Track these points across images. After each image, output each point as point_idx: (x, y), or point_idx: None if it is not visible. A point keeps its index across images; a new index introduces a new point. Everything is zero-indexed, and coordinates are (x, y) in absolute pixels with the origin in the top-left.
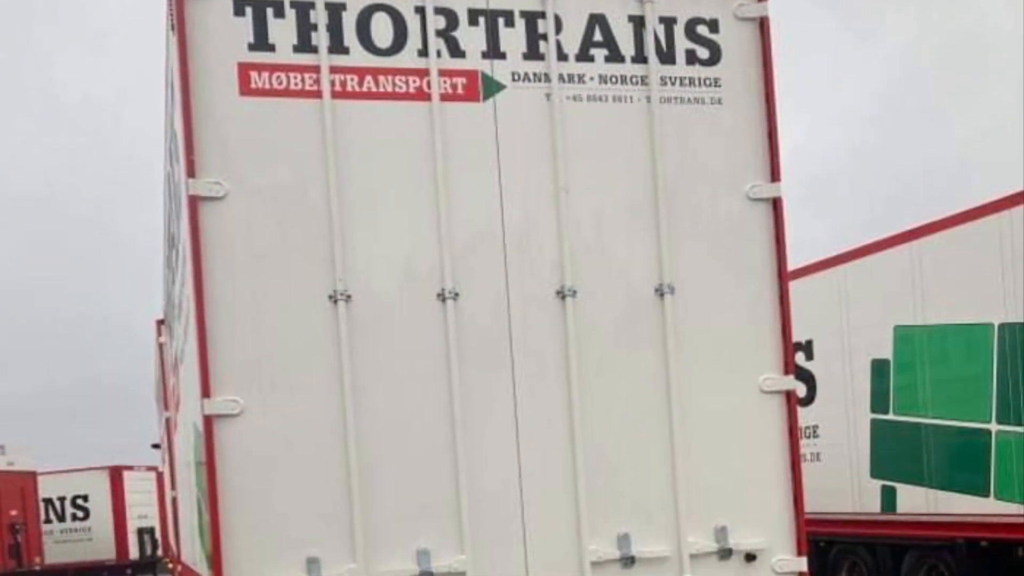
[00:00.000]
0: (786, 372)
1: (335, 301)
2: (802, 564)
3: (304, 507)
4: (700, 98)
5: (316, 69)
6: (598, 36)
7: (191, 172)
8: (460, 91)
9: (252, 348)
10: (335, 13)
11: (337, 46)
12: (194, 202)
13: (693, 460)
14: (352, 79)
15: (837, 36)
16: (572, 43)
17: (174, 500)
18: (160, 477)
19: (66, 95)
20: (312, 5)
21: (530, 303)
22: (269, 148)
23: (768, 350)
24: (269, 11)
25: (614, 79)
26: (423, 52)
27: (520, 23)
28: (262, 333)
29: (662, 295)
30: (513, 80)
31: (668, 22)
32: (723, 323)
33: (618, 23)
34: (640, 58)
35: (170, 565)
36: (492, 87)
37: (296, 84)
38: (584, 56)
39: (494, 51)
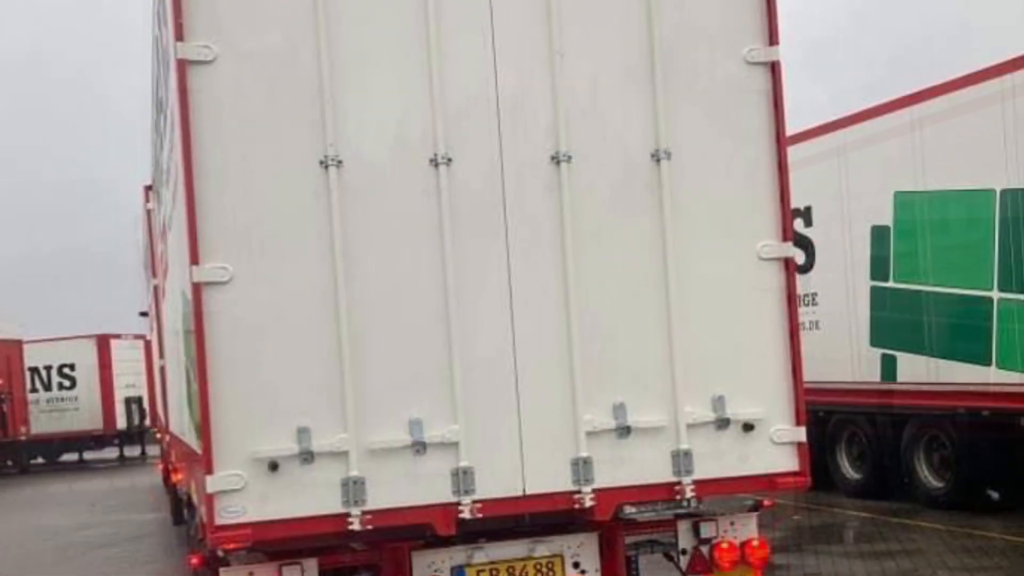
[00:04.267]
0: (784, 239)
1: (326, 167)
2: (800, 434)
3: (294, 376)
4: None
5: None
6: None
7: (179, 35)
8: None
9: (242, 215)
10: None
11: None
12: (182, 66)
13: (690, 328)
14: None
15: None
16: None
17: (162, 369)
18: (148, 345)
19: None
20: None
21: (524, 168)
22: (259, 11)
23: (766, 216)
24: None
25: None
26: None
27: None
28: (252, 199)
29: (658, 160)
30: None
31: None
32: (720, 189)
33: None
34: None
35: (158, 435)
36: None
37: None
38: None
39: None
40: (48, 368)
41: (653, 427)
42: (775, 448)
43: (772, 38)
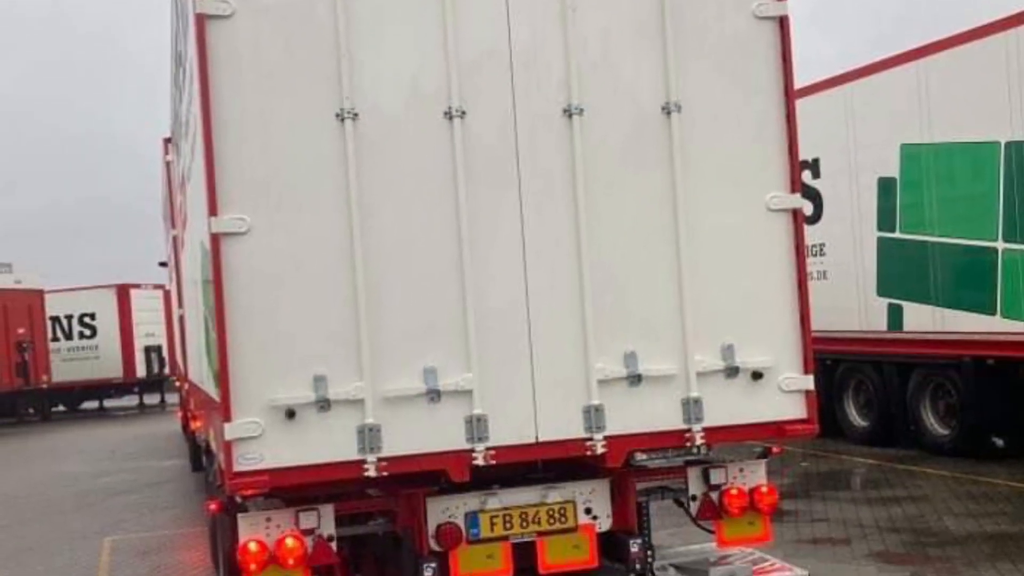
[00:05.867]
0: (793, 190)
1: (342, 119)
2: (808, 382)
3: (311, 325)
4: None
5: None
6: None
7: None
8: None
9: (259, 166)
10: None
11: None
12: (201, 20)
13: (700, 278)
14: None
15: None
16: None
17: (181, 318)
18: (167, 295)
19: None
20: None
21: (537, 121)
22: None
23: (775, 168)
24: None
25: None
26: None
27: None
28: (269, 152)
29: (669, 113)
30: None
31: None
32: (730, 141)
33: None
34: None
35: (177, 383)
36: None
37: None
38: None
39: None
40: (69, 317)
41: (663, 375)
42: (783, 396)
43: None
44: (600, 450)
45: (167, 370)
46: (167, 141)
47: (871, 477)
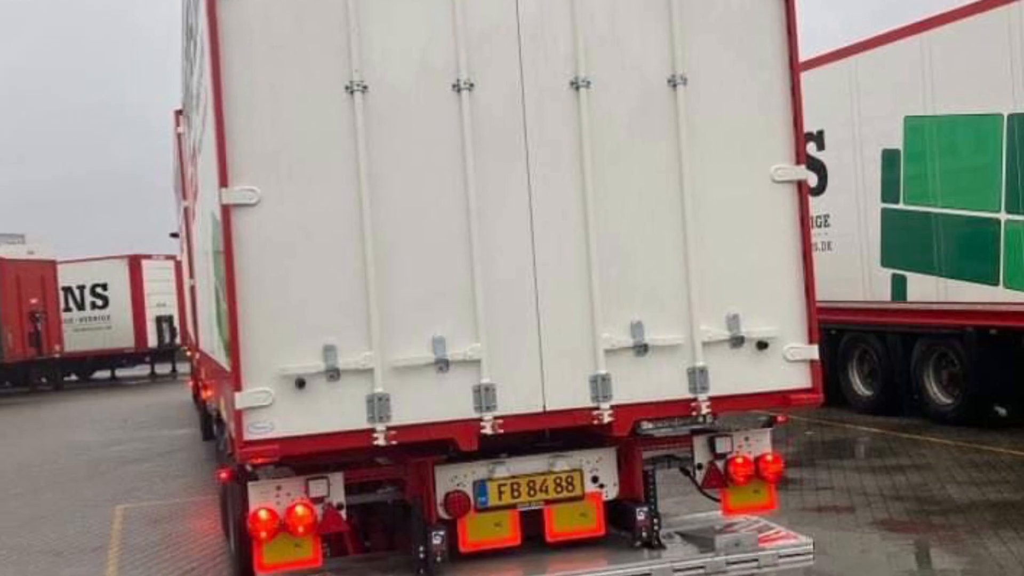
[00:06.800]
0: (797, 162)
1: (351, 92)
2: (813, 352)
3: (321, 295)
4: None
5: None
6: None
7: None
8: None
9: (270, 138)
10: None
11: None
12: None
13: (706, 249)
14: None
15: None
16: None
17: (192, 288)
18: (178, 266)
19: None
20: None
21: (544, 94)
22: None
23: (780, 140)
24: None
25: None
26: None
27: None
28: (279, 123)
29: (675, 86)
30: None
31: None
32: (735, 113)
33: None
34: None
35: (188, 353)
36: None
37: None
38: None
39: None
40: (81, 288)
41: (670, 345)
42: (788, 365)
43: None
44: (607, 419)
45: (178, 340)
46: (178, 113)
47: (875, 446)
